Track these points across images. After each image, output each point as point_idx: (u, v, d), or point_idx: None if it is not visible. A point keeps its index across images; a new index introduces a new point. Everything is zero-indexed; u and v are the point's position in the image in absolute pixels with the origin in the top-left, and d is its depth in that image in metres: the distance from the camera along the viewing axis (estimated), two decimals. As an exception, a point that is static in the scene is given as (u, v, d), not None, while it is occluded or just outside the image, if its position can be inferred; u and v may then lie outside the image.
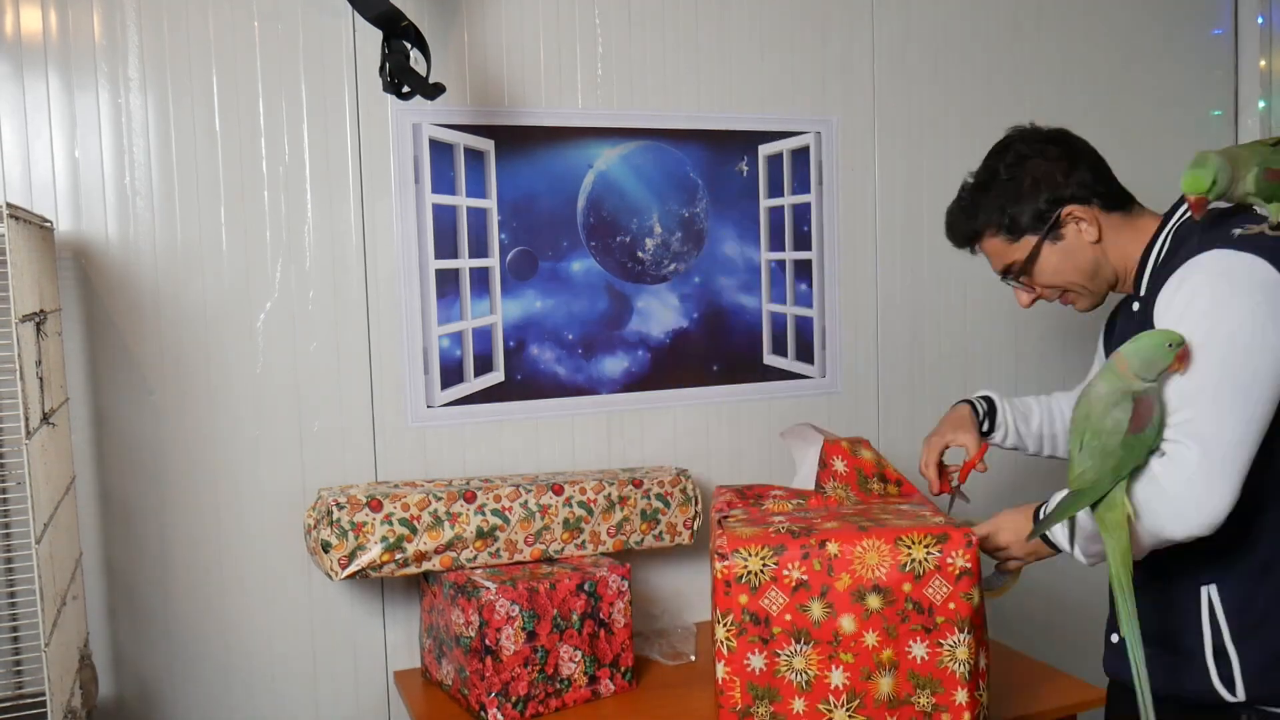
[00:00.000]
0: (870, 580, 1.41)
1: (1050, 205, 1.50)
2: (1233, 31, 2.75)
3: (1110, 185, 1.53)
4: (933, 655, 1.41)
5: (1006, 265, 1.57)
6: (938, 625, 1.41)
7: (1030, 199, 1.51)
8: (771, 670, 1.43)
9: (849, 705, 1.41)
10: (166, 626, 1.93)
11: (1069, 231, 1.50)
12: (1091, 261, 1.51)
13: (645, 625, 2.17)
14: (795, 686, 1.42)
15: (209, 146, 1.92)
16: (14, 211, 1.42)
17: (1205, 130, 2.73)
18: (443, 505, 1.88)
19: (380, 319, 2.03)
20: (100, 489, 1.89)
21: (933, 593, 1.41)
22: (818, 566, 1.42)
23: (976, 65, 2.48)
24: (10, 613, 1.79)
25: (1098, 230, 1.49)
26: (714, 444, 2.30)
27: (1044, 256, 1.52)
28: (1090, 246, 1.50)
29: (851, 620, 1.41)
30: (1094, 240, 1.50)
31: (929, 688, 1.42)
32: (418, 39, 1.82)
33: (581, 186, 2.16)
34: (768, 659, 1.43)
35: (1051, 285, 1.55)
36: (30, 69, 1.82)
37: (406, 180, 2.03)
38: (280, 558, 1.99)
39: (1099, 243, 1.50)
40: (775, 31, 2.30)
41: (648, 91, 2.20)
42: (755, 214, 2.30)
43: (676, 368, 2.26)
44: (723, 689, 1.44)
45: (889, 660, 1.41)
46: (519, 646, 1.78)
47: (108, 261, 1.87)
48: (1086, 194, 1.49)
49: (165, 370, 1.91)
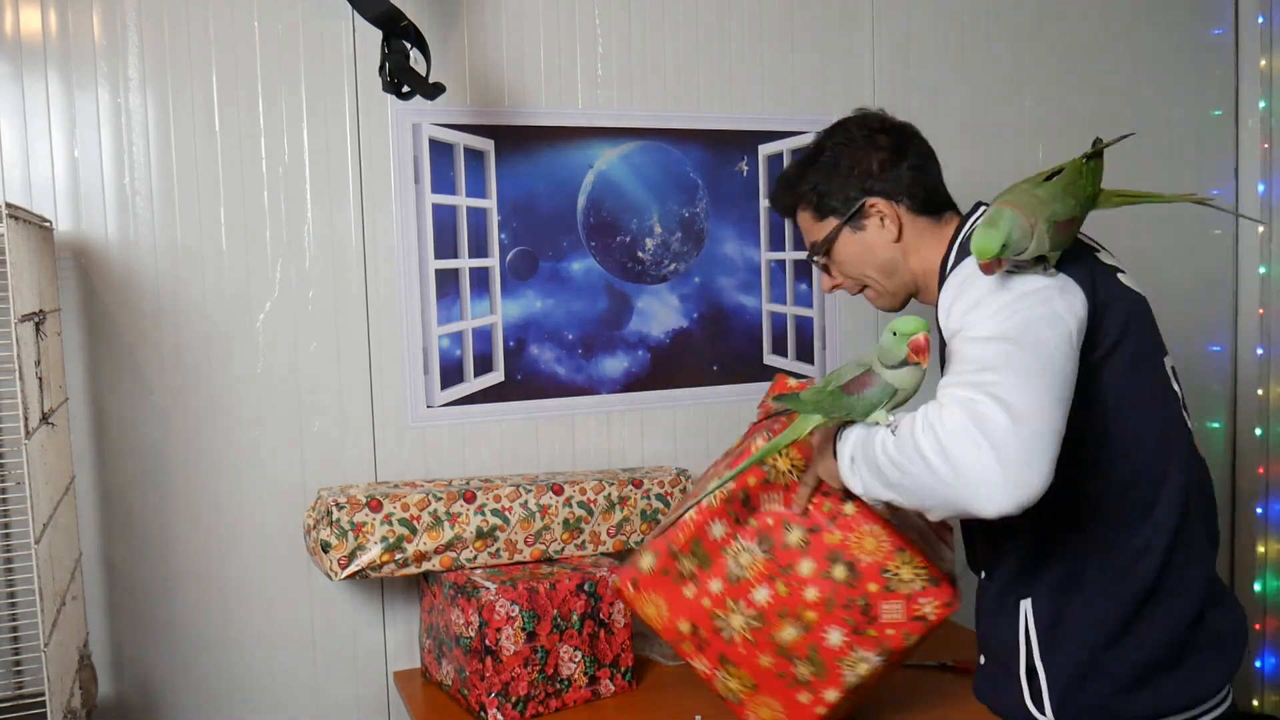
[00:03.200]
0: (853, 556, 1.47)
1: (858, 194, 1.47)
2: (1233, 31, 2.75)
3: (928, 189, 1.47)
4: (841, 650, 1.48)
5: (812, 243, 1.55)
6: (866, 634, 1.47)
7: (841, 182, 1.48)
8: (720, 545, 1.51)
9: (749, 621, 1.50)
10: (166, 626, 1.93)
11: (870, 224, 1.47)
12: (888, 260, 1.48)
13: (645, 626, 2.17)
14: (726, 571, 1.51)
15: (209, 146, 1.92)
16: (14, 211, 1.42)
17: (1205, 130, 2.73)
18: (443, 505, 1.88)
19: (380, 319, 2.03)
20: (100, 489, 1.89)
21: (887, 610, 1.47)
22: (827, 509, 1.48)
23: (976, 65, 2.48)
24: (10, 613, 1.79)
25: (898, 229, 1.46)
26: (714, 444, 2.30)
27: (842, 242, 1.50)
28: (889, 244, 1.47)
29: (811, 567, 1.48)
30: (893, 239, 1.47)
31: (816, 668, 1.49)
32: (418, 39, 1.82)
33: (581, 186, 2.16)
34: (725, 535, 1.51)
35: (849, 275, 1.53)
36: (30, 69, 1.82)
37: (406, 180, 2.03)
38: (280, 558, 1.99)
39: (898, 242, 1.47)
40: (775, 31, 2.30)
41: (648, 91, 2.20)
42: (755, 214, 2.30)
43: (676, 368, 2.26)
44: (679, 528, 1.52)
45: (808, 621, 1.48)
46: (519, 647, 1.78)
47: (108, 261, 1.87)
48: (897, 191, 1.46)
49: (165, 370, 1.91)
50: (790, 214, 1.59)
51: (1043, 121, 2.53)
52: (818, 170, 1.51)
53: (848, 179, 1.48)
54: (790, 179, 1.57)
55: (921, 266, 1.48)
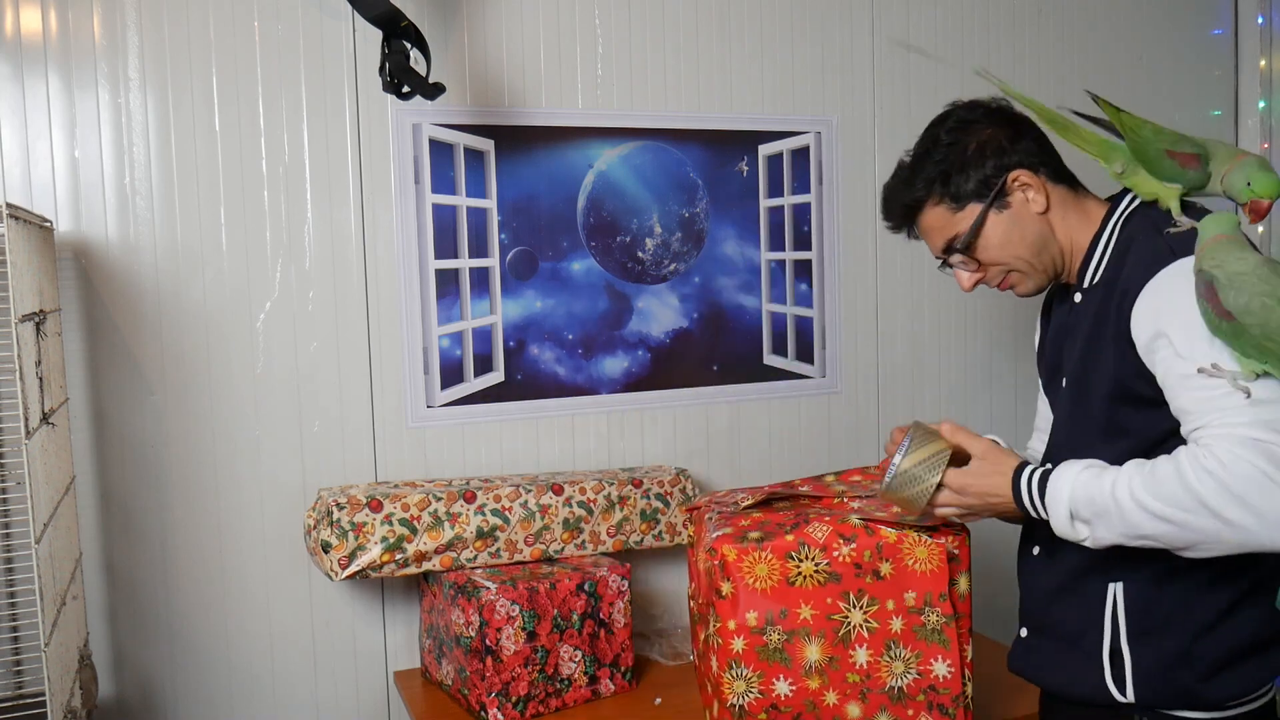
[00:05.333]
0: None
1: (996, 171, 1.39)
2: (1233, 31, 2.75)
3: (1056, 158, 1.44)
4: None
5: (949, 240, 1.43)
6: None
7: (975, 164, 1.40)
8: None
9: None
10: (167, 626, 1.93)
11: (1016, 200, 1.39)
12: (1038, 235, 1.40)
13: (645, 625, 2.17)
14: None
15: (209, 146, 1.92)
16: (14, 211, 1.42)
17: (1205, 130, 2.73)
18: (443, 505, 1.88)
19: (380, 319, 2.03)
20: (100, 489, 1.89)
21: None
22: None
23: (976, 64, 2.48)
24: (10, 613, 1.79)
25: (1045, 199, 1.39)
26: (714, 444, 2.30)
27: (989, 226, 1.40)
28: (1037, 218, 1.40)
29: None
30: (1041, 210, 1.39)
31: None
32: (418, 39, 1.82)
33: (581, 186, 2.16)
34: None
35: (997, 261, 1.42)
36: (30, 69, 1.82)
37: (406, 180, 2.03)
38: (280, 558, 1.99)
39: (1046, 214, 1.40)
40: (775, 31, 2.30)
41: (648, 91, 2.20)
42: (755, 214, 2.30)
43: (676, 368, 2.26)
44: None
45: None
46: (519, 646, 1.78)
47: (108, 261, 1.87)
48: (1034, 161, 1.40)
49: (165, 370, 1.91)
50: (909, 217, 1.48)
51: (1043, 121, 2.53)
52: (941, 160, 1.42)
53: (980, 159, 1.40)
54: (908, 179, 1.46)
55: (1069, 240, 1.41)
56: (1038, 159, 1.41)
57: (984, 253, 1.42)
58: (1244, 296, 1.11)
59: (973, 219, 1.40)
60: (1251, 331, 1.11)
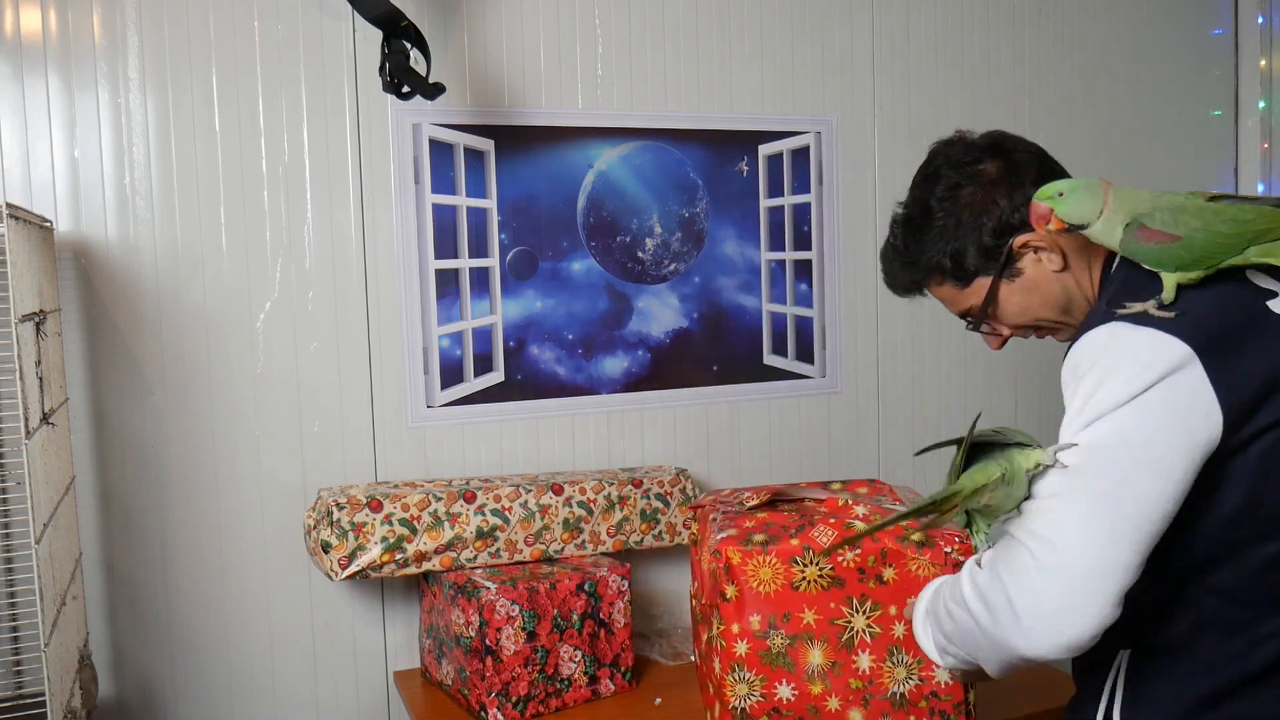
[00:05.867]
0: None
1: (997, 238, 1.26)
2: (1233, 31, 2.75)
3: None
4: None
5: (964, 311, 1.34)
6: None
7: (973, 235, 1.27)
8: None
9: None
10: (167, 627, 1.93)
11: (1027, 264, 1.26)
12: (1060, 292, 1.27)
13: (645, 625, 2.17)
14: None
15: (209, 146, 1.92)
16: (14, 211, 1.42)
17: (1205, 130, 2.73)
18: (443, 505, 1.88)
19: (380, 319, 2.03)
20: (100, 489, 1.89)
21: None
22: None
23: (976, 65, 2.48)
24: (10, 613, 1.79)
25: (1061, 257, 1.25)
26: (714, 444, 2.30)
27: (1004, 297, 1.28)
28: (1055, 276, 1.26)
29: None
30: (1058, 269, 1.25)
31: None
32: (418, 39, 1.82)
33: (581, 186, 2.16)
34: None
35: (1020, 325, 1.32)
36: (30, 69, 1.82)
37: (406, 180, 2.03)
38: (280, 558, 1.99)
39: (1065, 270, 1.26)
40: (775, 32, 2.30)
41: (648, 91, 2.20)
42: (755, 214, 2.30)
43: (676, 368, 2.26)
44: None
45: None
46: (519, 646, 1.78)
47: (108, 261, 1.87)
48: None
49: (165, 370, 1.91)
50: (917, 291, 1.39)
51: (1043, 122, 2.53)
52: (938, 234, 1.30)
53: (978, 229, 1.27)
54: (904, 254, 1.35)
55: (1091, 284, 1.26)
56: None
57: (1004, 320, 1.32)
58: (1186, 220, 1.08)
59: (983, 293, 1.30)
60: (1198, 243, 1.06)
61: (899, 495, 1.65)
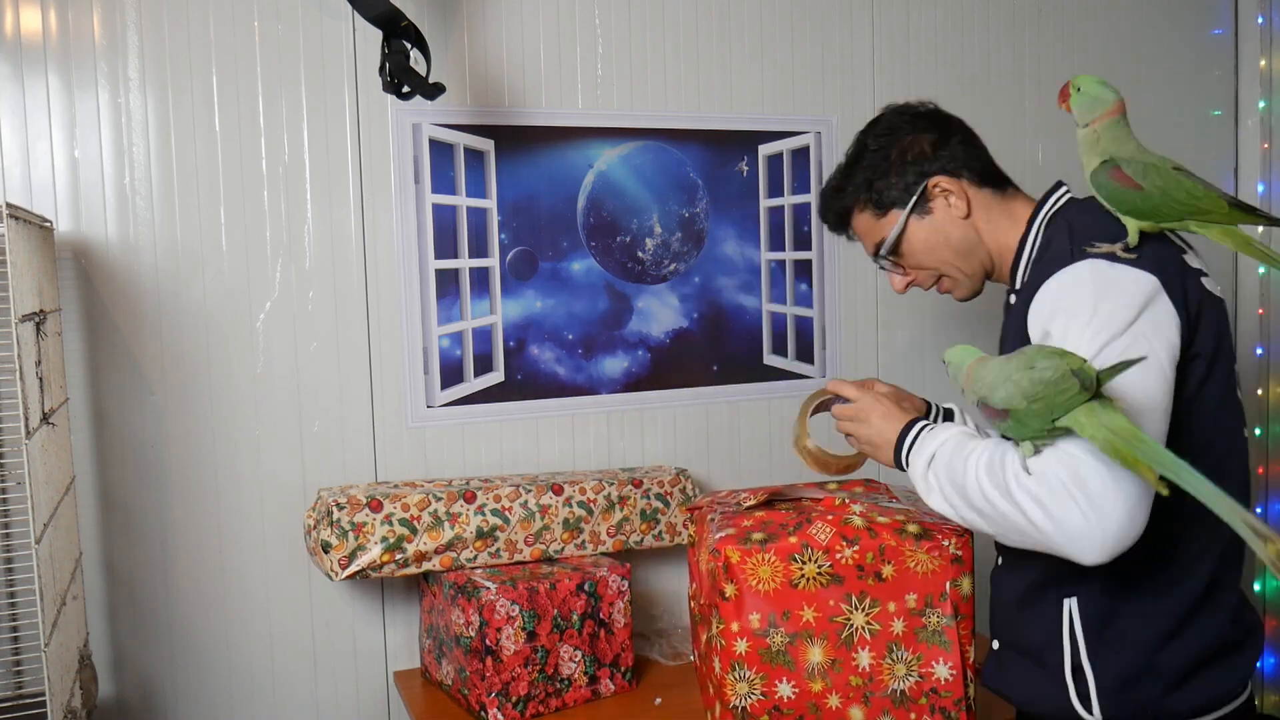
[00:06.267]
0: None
1: (918, 177, 1.43)
2: (1233, 31, 2.75)
3: (983, 161, 1.46)
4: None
5: (876, 243, 1.49)
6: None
7: (898, 171, 1.44)
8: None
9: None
10: (167, 626, 1.93)
11: (937, 205, 1.43)
12: (962, 240, 1.43)
13: (645, 625, 2.17)
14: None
15: (209, 146, 1.92)
16: (14, 211, 1.42)
17: (1205, 130, 2.73)
18: (443, 505, 1.88)
19: (380, 319, 2.03)
20: (100, 489, 1.89)
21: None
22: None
23: (976, 65, 2.48)
24: (10, 613, 1.79)
25: (966, 205, 1.42)
26: (714, 444, 2.30)
27: (911, 232, 1.44)
28: (960, 223, 1.43)
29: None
30: (963, 215, 1.42)
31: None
32: (418, 39, 1.82)
33: (581, 186, 2.16)
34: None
35: (923, 266, 1.47)
36: (30, 69, 1.82)
37: (406, 180, 2.03)
38: (280, 558, 1.99)
39: (969, 218, 1.42)
40: (775, 31, 2.30)
41: (648, 91, 2.20)
42: (755, 214, 2.30)
43: (676, 368, 2.26)
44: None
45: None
46: (519, 646, 1.78)
47: (108, 261, 1.87)
48: (956, 166, 1.43)
49: (165, 370, 1.91)
50: (844, 222, 1.54)
51: (1043, 122, 2.54)
52: (867, 167, 1.47)
53: (903, 166, 1.44)
54: (837, 183, 1.51)
55: (996, 243, 1.44)
56: (961, 163, 1.44)
57: (909, 258, 1.48)
58: (1001, 390, 1.16)
59: (895, 225, 1.45)
60: (1021, 408, 1.14)
61: (895, 494, 1.65)
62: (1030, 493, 1.15)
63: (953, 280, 1.48)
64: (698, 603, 1.63)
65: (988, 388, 1.18)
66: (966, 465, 1.24)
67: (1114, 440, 1.08)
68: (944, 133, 1.45)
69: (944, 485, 1.28)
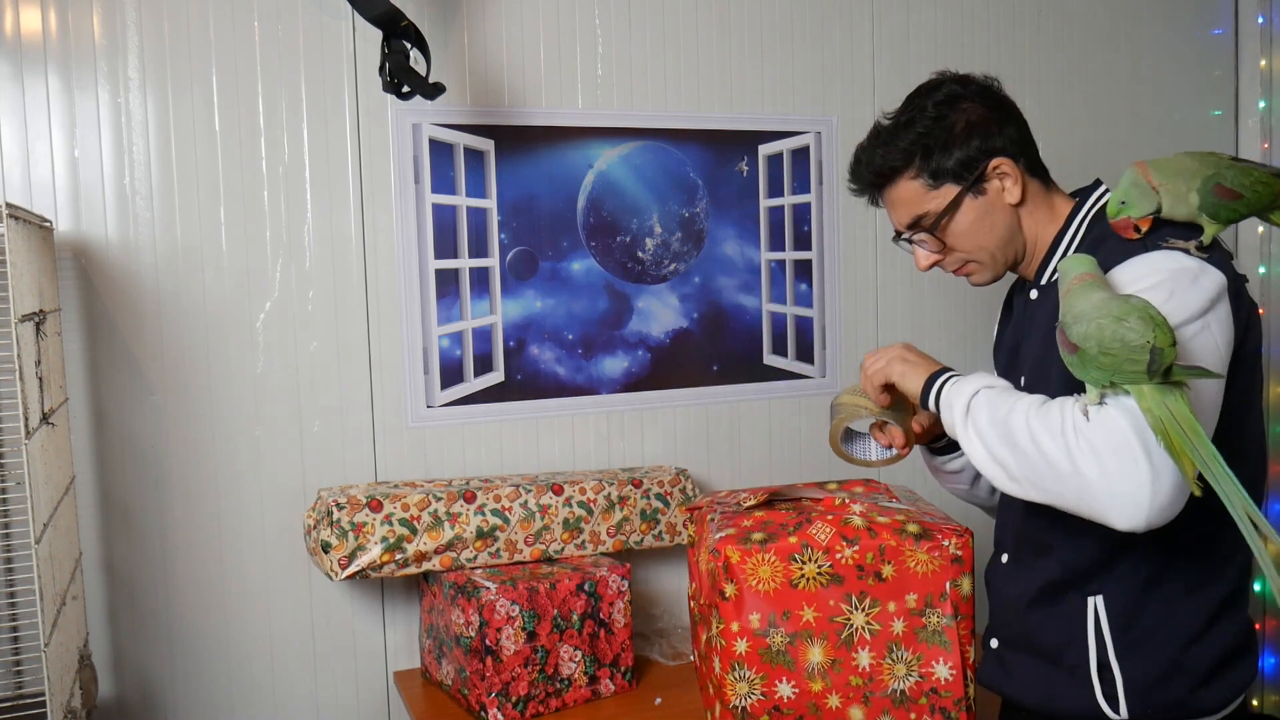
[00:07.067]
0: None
1: (980, 154, 1.34)
2: (1233, 31, 2.75)
3: (1034, 150, 1.40)
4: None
5: (917, 216, 1.38)
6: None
7: (960, 144, 1.34)
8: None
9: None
10: (167, 627, 1.93)
11: (993, 187, 1.35)
12: (1007, 226, 1.37)
13: (645, 625, 2.17)
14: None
15: (209, 146, 1.92)
16: (14, 211, 1.42)
17: (1205, 130, 2.73)
18: (443, 505, 1.88)
19: (380, 319, 2.03)
20: (100, 489, 1.89)
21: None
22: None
23: (976, 65, 2.47)
24: (10, 613, 1.79)
25: (1021, 191, 1.35)
26: (714, 444, 2.30)
27: (963, 211, 1.35)
28: (1009, 209, 1.36)
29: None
30: (1015, 202, 1.35)
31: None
32: (418, 39, 1.82)
33: (581, 186, 2.16)
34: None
35: (962, 248, 1.38)
36: (30, 69, 1.82)
37: (406, 180, 2.03)
38: (280, 558, 1.99)
39: (1019, 206, 1.36)
40: (775, 32, 2.30)
41: (648, 91, 2.20)
42: (755, 214, 2.30)
43: (676, 368, 2.26)
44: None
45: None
46: (519, 646, 1.78)
47: (108, 261, 1.87)
48: (1016, 150, 1.36)
49: (165, 370, 1.91)
50: (879, 184, 1.42)
51: (1043, 122, 2.53)
52: (923, 133, 1.35)
53: (967, 139, 1.34)
54: (886, 140, 1.38)
55: (1033, 235, 1.39)
56: (1019, 148, 1.37)
57: (952, 237, 1.38)
58: (1083, 326, 1.11)
59: (947, 200, 1.35)
60: (1090, 352, 1.10)
61: (895, 494, 1.65)
62: (1088, 439, 1.09)
63: (980, 265, 1.40)
64: (698, 603, 1.62)
65: (1073, 316, 1.12)
66: (1016, 403, 1.18)
67: (1169, 424, 1.05)
68: (1006, 112, 1.38)
69: (981, 417, 1.20)
